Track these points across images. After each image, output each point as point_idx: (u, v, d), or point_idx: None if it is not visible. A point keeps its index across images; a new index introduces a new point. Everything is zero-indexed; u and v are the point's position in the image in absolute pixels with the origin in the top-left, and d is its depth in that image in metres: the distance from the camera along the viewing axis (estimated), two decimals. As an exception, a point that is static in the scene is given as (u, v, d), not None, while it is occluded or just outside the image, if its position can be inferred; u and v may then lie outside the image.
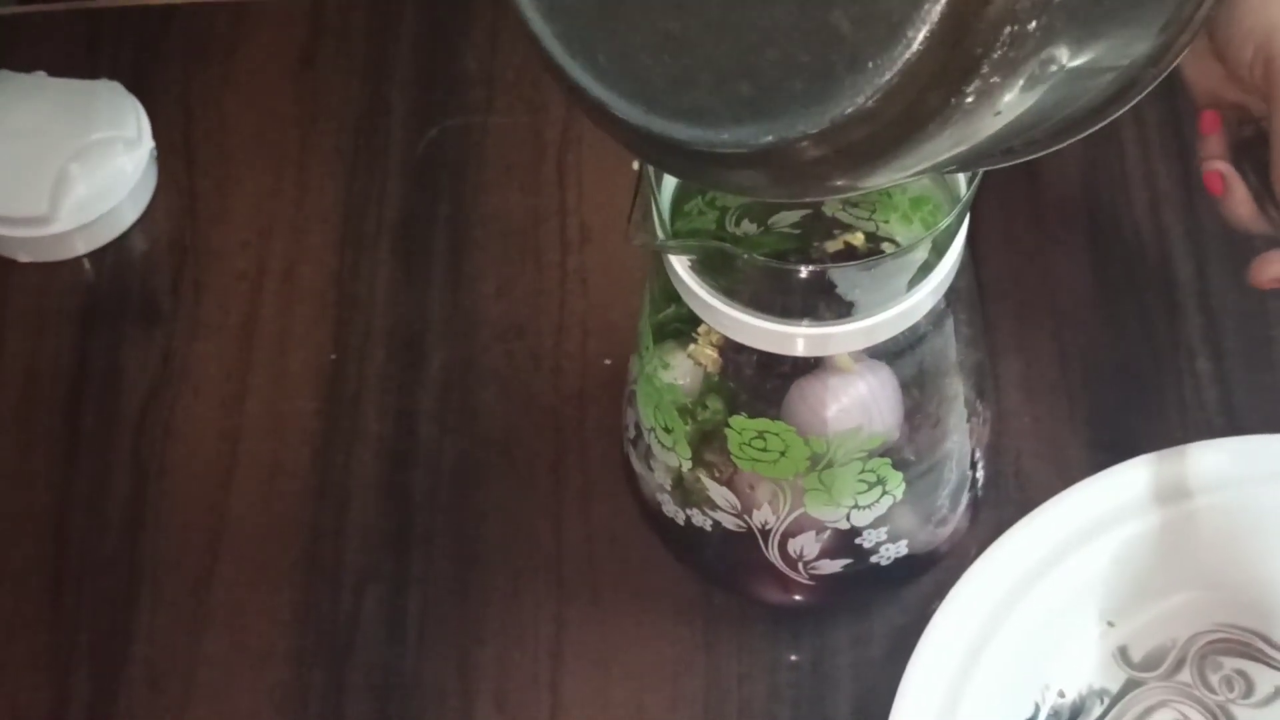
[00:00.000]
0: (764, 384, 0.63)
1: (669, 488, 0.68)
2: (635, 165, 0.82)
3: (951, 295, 0.63)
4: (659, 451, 0.67)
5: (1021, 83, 0.43)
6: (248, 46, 0.88)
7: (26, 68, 0.84)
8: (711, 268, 0.60)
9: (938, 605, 0.69)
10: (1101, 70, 0.47)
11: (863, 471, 0.64)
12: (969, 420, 0.69)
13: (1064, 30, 0.43)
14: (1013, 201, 0.81)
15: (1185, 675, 0.69)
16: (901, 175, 0.46)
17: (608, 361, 0.78)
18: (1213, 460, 0.71)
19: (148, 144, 0.82)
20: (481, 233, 0.82)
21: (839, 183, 0.46)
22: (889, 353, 0.63)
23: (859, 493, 0.65)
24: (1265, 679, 0.69)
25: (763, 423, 0.63)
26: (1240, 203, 0.68)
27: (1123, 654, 0.70)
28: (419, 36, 0.88)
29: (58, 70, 0.84)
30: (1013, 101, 0.44)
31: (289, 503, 0.75)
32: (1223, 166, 0.69)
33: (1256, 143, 0.67)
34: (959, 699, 0.67)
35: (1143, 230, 0.81)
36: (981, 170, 0.59)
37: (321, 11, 0.89)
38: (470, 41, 0.87)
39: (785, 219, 0.65)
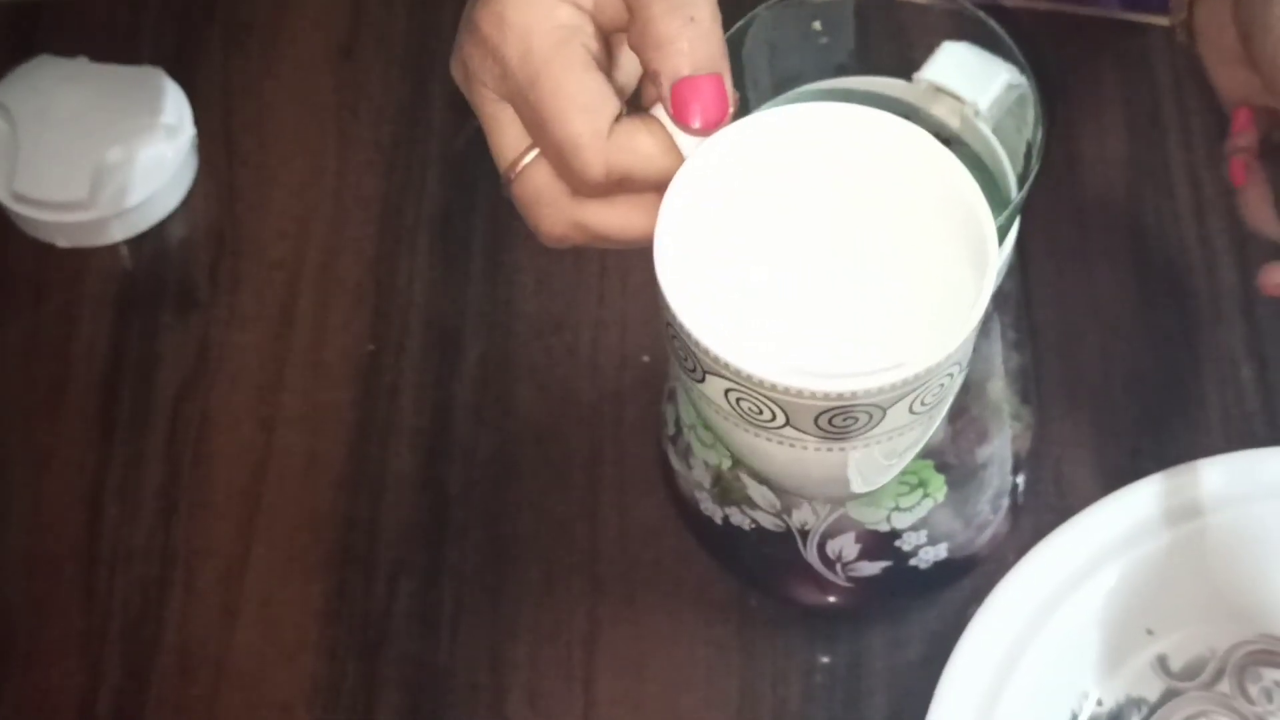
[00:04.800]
0: (807, 384, 0.63)
1: (708, 486, 0.68)
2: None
3: (998, 298, 0.62)
4: (698, 450, 0.67)
5: None
6: (289, 35, 0.88)
7: (69, 53, 0.83)
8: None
9: (975, 610, 0.68)
10: None
11: (905, 474, 0.64)
12: (1011, 424, 0.68)
13: None
14: (1057, 206, 0.81)
15: (1224, 686, 0.69)
16: None
17: (646, 358, 0.77)
18: (1256, 469, 0.70)
19: (189, 131, 0.82)
20: (520, 226, 0.81)
21: None
22: (934, 355, 0.62)
23: (900, 495, 0.64)
24: (1305, 691, 0.68)
25: (805, 422, 0.62)
26: (1259, 199, 0.68)
27: (1162, 663, 0.69)
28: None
29: (100, 56, 0.83)
30: None
31: (323, 494, 0.75)
32: (1249, 158, 0.68)
33: None
34: (995, 705, 0.66)
35: (1186, 237, 0.80)
36: (1034, 173, 0.58)
37: (363, 2, 0.89)
38: (512, 35, 0.87)
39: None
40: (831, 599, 0.70)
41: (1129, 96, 0.84)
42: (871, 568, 0.67)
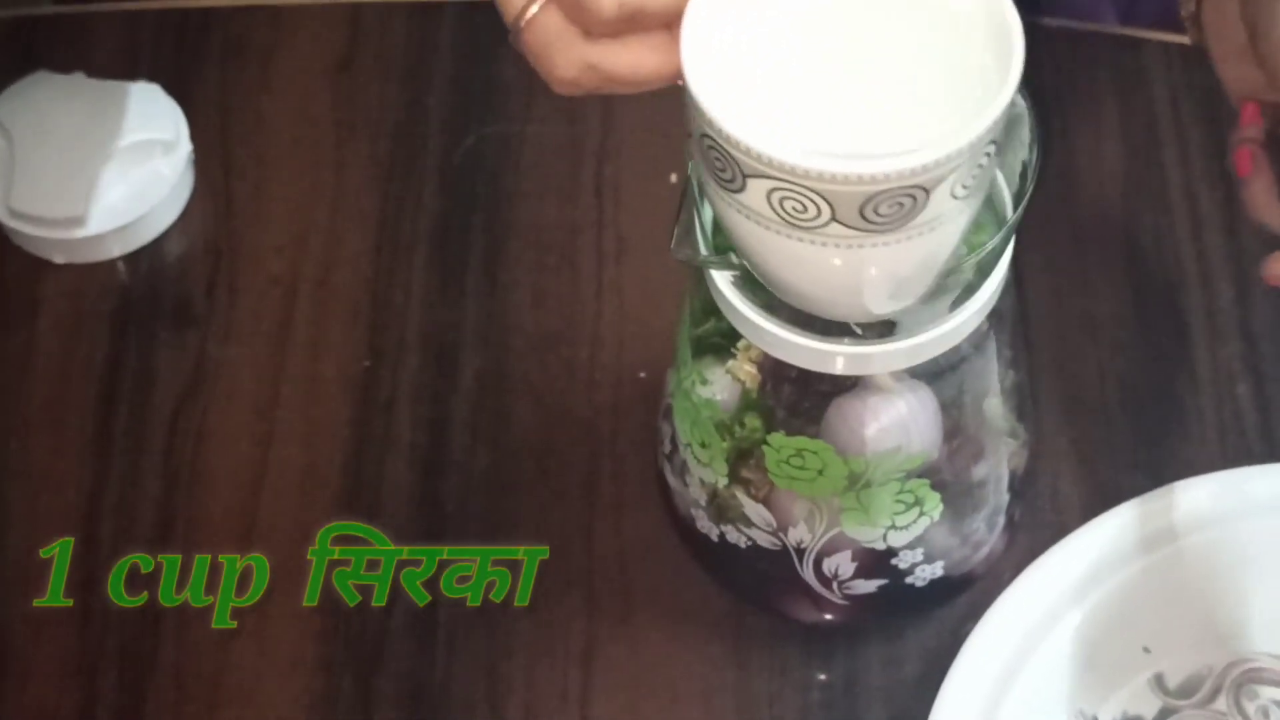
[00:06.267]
0: (803, 402, 0.63)
1: (704, 503, 0.68)
2: (674, 178, 0.82)
3: (994, 317, 0.62)
4: (694, 467, 0.67)
5: None
6: (286, 51, 0.88)
7: (65, 69, 0.84)
8: (753, 283, 0.59)
9: (971, 628, 0.68)
10: None
11: (900, 492, 0.64)
12: (1007, 442, 0.68)
13: None
14: (1053, 222, 0.81)
15: (1221, 704, 0.69)
16: None
17: (643, 374, 0.77)
18: (1251, 487, 0.70)
19: (185, 147, 0.82)
20: (517, 242, 0.82)
21: None
22: (930, 373, 0.62)
23: (896, 513, 0.64)
24: (1302, 709, 0.68)
25: (801, 441, 0.62)
26: (1262, 190, 0.68)
27: (1158, 681, 0.69)
28: (457, 43, 0.87)
29: (96, 72, 0.83)
30: None
31: (320, 510, 0.75)
32: (1255, 149, 0.69)
33: None
34: (992, 723, 0.66)
35: (1183, 253, 0.80)
36: (1029, 192, 0.59)
37: (359, 17, 0.89)
38: (509, 49, 0.85)
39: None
40: (828, 616, 0.70)
41: (1126, 112, 0.84)
42: (867, 585, 0.67)
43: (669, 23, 0.54)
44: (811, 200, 0.51)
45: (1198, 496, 0.71)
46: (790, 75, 0.56)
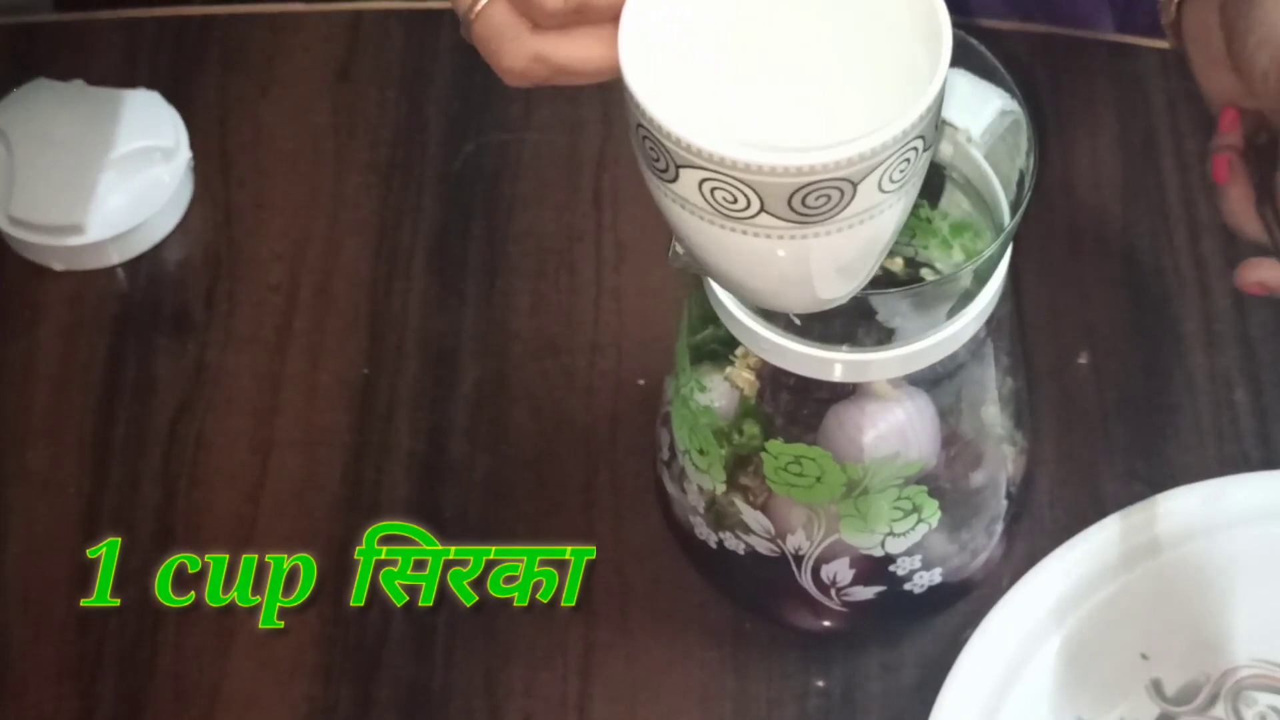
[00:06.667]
0: (801, 409, 0.63)
1: (702, 510, 0.68)
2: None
3: (991, 324, 0.62)
4: (693, 474, 0.67)
5: None
6: (285, 58, 0.88)
7: (65, 76, 0.84)
8: (751, 290, 0.59)
9: (970, 634, 0.68)
10: None
11: (898, 499, 0.64)
12: (1005, 449, 0.68)
13: None
14: (1051, 229, 0.81)
15: (1219, 710, 0.69)
16: None
17: (641, 382, 0.78)
18: (1250, 494, 0.70)
19: (185, 154, 0.82)
20: (516, 249, 0.82)
21: None
22: (927, 380, 0.63)
23: (894, 520, 0.64)
24: (1299, 716, 0.69)
25: (799, 448, 0.62)
26: (1239, 198, 0.68)
27: (1156, 687, 0.69)
28: (456, 51, 0.88)
29: (96, 79, 0.83)
30: None
31: (319, 516, 0.75)
32: (1232, 156, 0.69)
33: (1268, 149, 0.68)
34: (990, 729, 0.67)
35: (1181, 260, 0.80)
36: (1026, 199, 0.59)
37: (359, 24, 0.89)
38: (508, 57, 0.87)
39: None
40: (826, 623, 0.70)
41: (1123, 120, 0.84)
42: (866, 592, 0.67)
43: (615, 15, 0.54)
44: (741, 191, 0.52)
45: (1196, 504, 0.71)
46: (725, 69, 0.57)
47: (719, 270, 0.57)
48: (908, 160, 0.52)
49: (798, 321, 0.60)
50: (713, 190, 0.52)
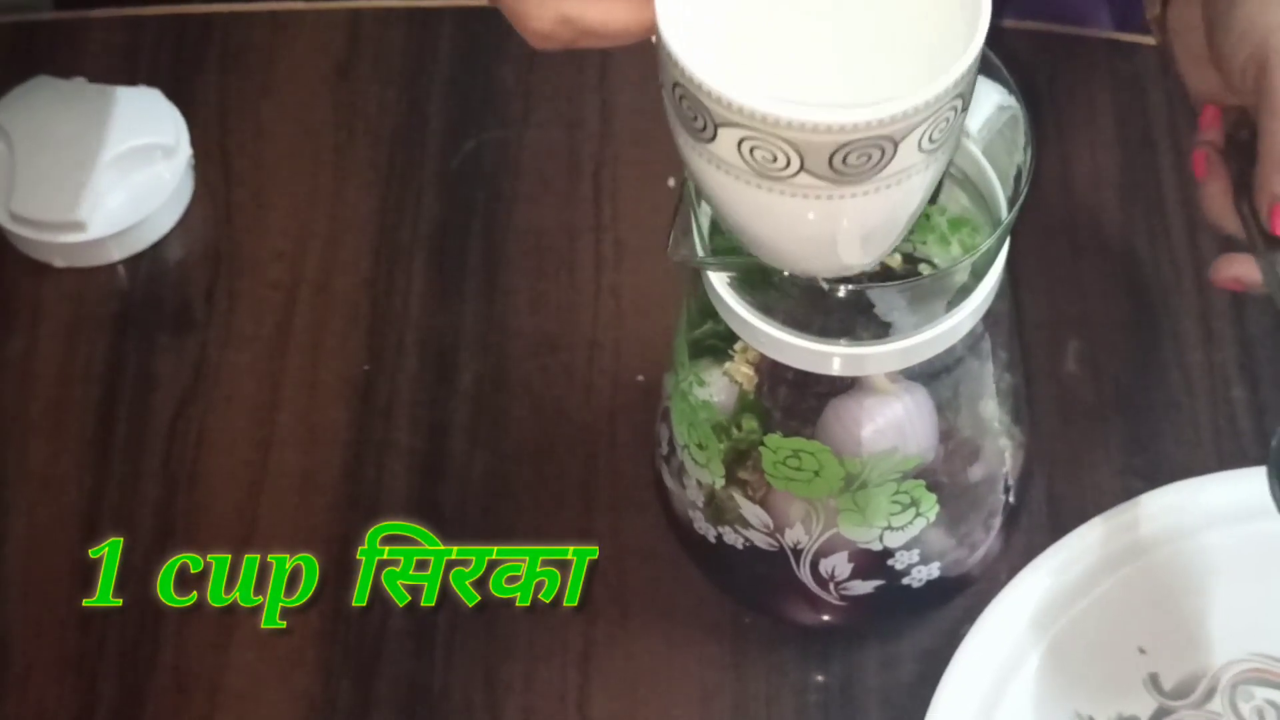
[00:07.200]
0: (800, 403, 0.63)
1: (701, 505, 0.68)
2: (671, 182, 0.82)
3: (989, 318, 0.62)
4: (692, 469, 0.67)
5: None
6: (285, 56, 0.88)
7: (65, 73, 0.84)
8: (750, 285, 0.60)
9: (968, 629, 0.68)
10: None
11: (897, 493, 0.64)
12: (1003, 444, 0.68)
13: None
14: (1048, 225, 0.81)
15: (1216, 704, 0.69)
16: None
17: (640, 378, 0.78)
18: (1247, 489, 0.71)
19: (185, 152, 0.82)
20: (516, 246, 0.82)
21: None
22: (926, 374, 0.63)
23: (892, 514, 0.65)
24: (1297, 710, 0.69)
25: (798, 442, 0.62)
26: (1217, 193, 0.68)
27: (1154, 681, 0.69)
28: (456, 49, 0.88)
29: (97, 76, 0.84)
30: None
31: (319, 513, 0.75)
32: (1211, 152, 0.69)
33: (1248, 145, 0.68)
34: (988, 723, 0.67)
35: (1179, 256, 0.81)
36: (1024, 194, 0.59)
37: (359, 22, 0.89)
38: (507, 55, 0.87)
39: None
40: (825, 618, 0.70)
41: (1121, 116, 0.84)
42: (864, 587, 0.67)
43: None
44: (781, 150, 0.52)
45: (1194, 499, 0.71)
46: (762, 27, 0.56)
47: (748, 231, 0.56)
48: (947, 120, 0.52)
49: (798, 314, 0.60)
50: (752, 149, 0.52)
